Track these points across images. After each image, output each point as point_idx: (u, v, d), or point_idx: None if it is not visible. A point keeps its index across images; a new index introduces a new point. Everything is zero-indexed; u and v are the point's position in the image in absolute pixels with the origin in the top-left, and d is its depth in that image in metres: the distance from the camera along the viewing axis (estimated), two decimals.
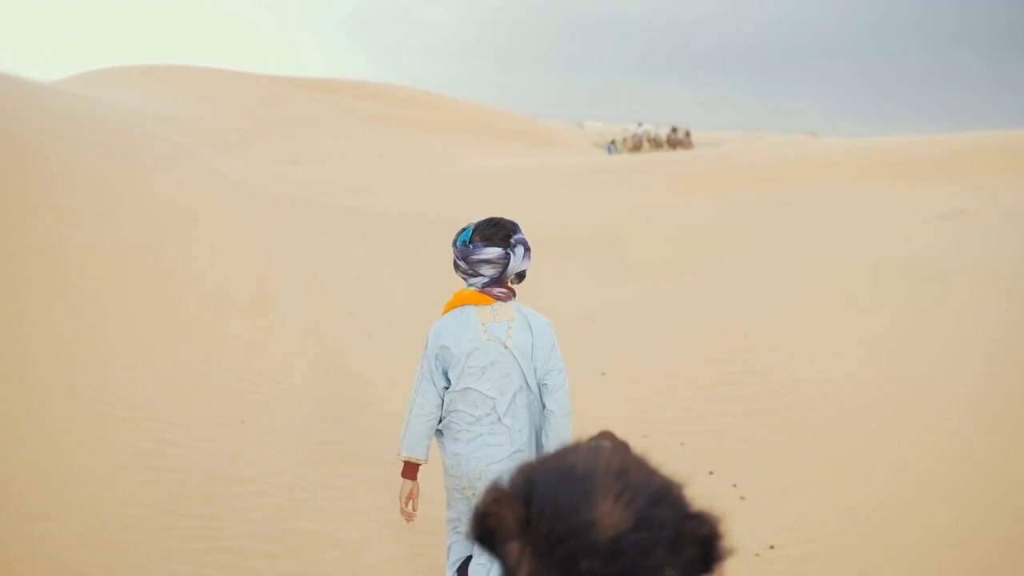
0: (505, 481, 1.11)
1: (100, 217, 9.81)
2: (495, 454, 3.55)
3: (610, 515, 1.04)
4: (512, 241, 3.57)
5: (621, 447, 1.31)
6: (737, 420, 6.63)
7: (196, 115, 26.16)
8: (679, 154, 26.56)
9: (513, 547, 1.06)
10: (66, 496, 4.87)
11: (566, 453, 1.15)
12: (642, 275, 11.55)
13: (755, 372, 7.53)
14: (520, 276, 3.65)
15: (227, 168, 16.58)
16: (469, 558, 3.74)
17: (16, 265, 7.20)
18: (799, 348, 7.96)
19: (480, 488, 3.53)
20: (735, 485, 5.55)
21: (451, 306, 3.62)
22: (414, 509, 3.72)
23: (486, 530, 1.08)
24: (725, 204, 16.40)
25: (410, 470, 3.69)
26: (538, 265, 4.85)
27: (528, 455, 3.59)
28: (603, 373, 7.70)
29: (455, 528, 3.81)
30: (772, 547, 4.84)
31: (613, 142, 37.85)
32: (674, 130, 37.56)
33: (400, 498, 3.72)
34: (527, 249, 3.60)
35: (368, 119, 31.94)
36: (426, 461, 3.68)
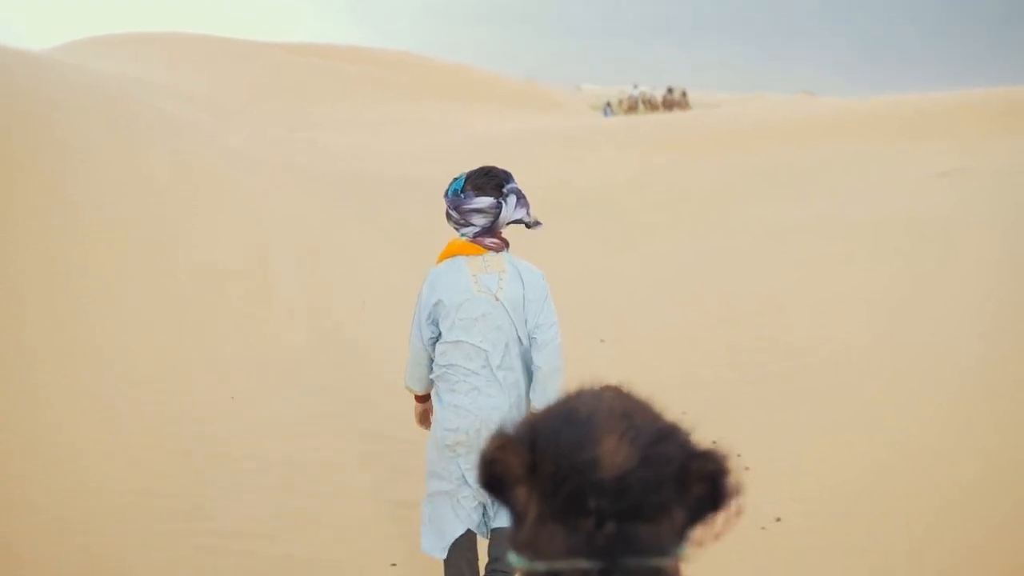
0: (509, 429, 1.12)
1: (98, 191, 9.71)
2: (495, 405, 3.55)
3: (615, 453, 1.04)
4: (504, 191, 3.56)
5: (624, 393, 1.28)
6: (739, 387, 6.53)
7: (193, 83, 25.83)
8: (676, 116, 26.31)
9: (520, 491, 1.07)
10: (60, 483, 4.83)
11: (569, 399, 1.16)
12: (639, 237, 11.41)
13: (757, 337, 7.41)
14: (527, 225, 3.65)
15: (226, 137, 16.39)
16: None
17: (13, 243, 7.07)
18: (799, 310, 7.85)
19: (476, 441, 3.51)
20: (739, 455, 5.34)
21: (444, 256, 3.62)
22: (430, 421, 3.89)
23: (493, 476, 1.09)
24: (723, 165, 16.21)
25: (419, 396, 3.92)
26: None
27: (526, 409, 3.61)
28: (602, 340, 7.62)
29: (434, 492, 3.76)
30: (779, 519, 4.75)
31: (608, 104, 37.43)
32: (670, 91, 37.06)
33: (415, 417, 4.00)
34: (519, 198, 3.58)
35: (365, 84, 31.54)
36: (429, 390, 3.83)
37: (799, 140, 17.65)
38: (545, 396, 3.49)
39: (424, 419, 3.91)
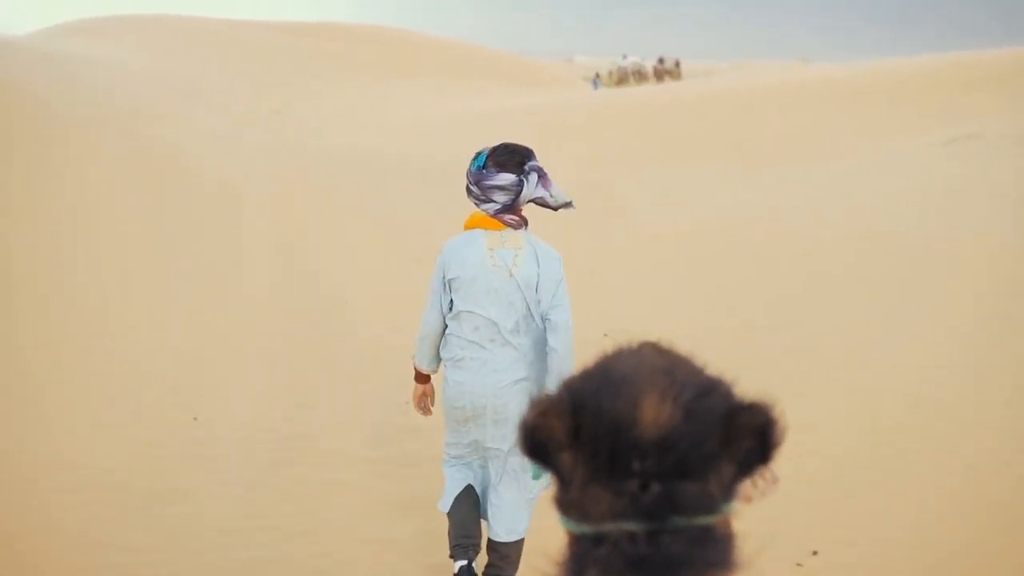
0: (549, 394, 1.10)
1: (71, 181, 9.43)
2: (499, 380, 3.50)
3: (657, 412, 1.02)
4: (526, 168, 3.52)
5: (663, 349, 1.22)
6: (756, 388, 6.04)
7: (174, 66, 25.41)
8: (669, 88, 25.84)
9: (566, 456, 1.05)
10: (46, 461, 4.77)
11: (607, 358, 1.14)
12: (635, 218, 11.09)
13: (766, 329, 7.08)
14: (552, 207, 3.62)
15: (206, 120, 16.05)
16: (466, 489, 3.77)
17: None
18: (808, 297, 7.58)
19: (483, 415, 3.54)
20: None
21: (468, 226, 3.59)
22: (432, 403, 3.84)
23: (537, 443, 1.06)
24: (718, 138, 15.91)
25: (421, 376, 3.80)
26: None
27: (534, 385, 3.56)
28: (605, 334, 7.26)
29: (449, 457, 3.82)
30: (815, 553, 4.22)
31: (598, 76, 36.94)
32: (661, 61, 36.50)
33: (413, 399, 3.87)
34: (541, 176, 3.54)
35: (351, 63, 31.15)
36: (435, 371, 3.75)
37: (796, 109, 17.30)
38: (561, 379, 3.21)
39: (421, 402, 3.84)
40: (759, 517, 3.99)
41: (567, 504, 1.06)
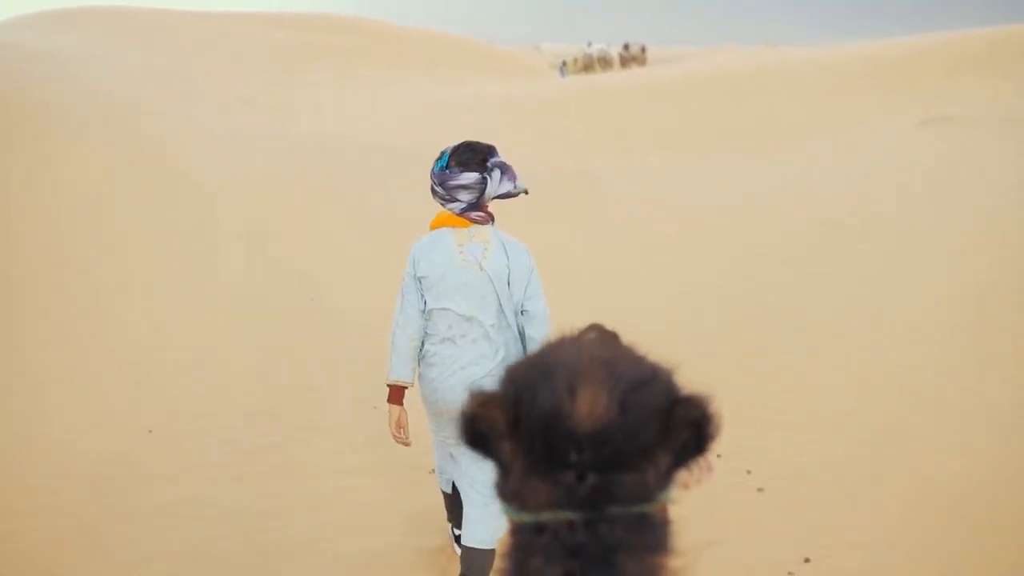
0: (489, 386, 1.10)
1: (25, 181, 9.07)
2: (470, 375, 3.50)
3: (594, 404, 1.02)
4: (489, 165, 3.52)
5: (608, 337, 1.22)
6: (741, 387, 5.74)
7: (140, 57, 24.93)
8: (636, 73, 25.63)
9: (505, 447, 1.06)
10: (43, 453, 4.73)
11: (548, 349, 1.14)
12: (615, 208, 10.88)
13: (756, 320, 6.89)
14: (513, 195, 3.59)
15: (169, 113, 15.64)
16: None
17: None
18: (799, 287, 7.40)
19: (455, 412, 3.46)
20: (749, 472, 4.71)
21: (434, 225, 3.59)
22: (406, 435, 3.66)
23: (477, 433, 1.07)
24: (692, 123, 15.75)
25: (396, 394, 3.63)
26: (503, 209, 4.26)
27: None
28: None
29: (436, 442, 3.87)
30: (808, 560, 4.02)
31: (564, 63, 36.78)
32: (626, 47, 36.39)
33: (390, 426, 3.65)
34: (504, 171, 3.53)
35: (319, 52, 30.68)
36: (411, 384, 3.63)
37: (765, 95, 17.16)
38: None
39: (399, 427, 3.64)
40: (751, 519, 3.79)
41: (507, 493, 1.07)
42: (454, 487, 3.87)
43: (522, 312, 3.53)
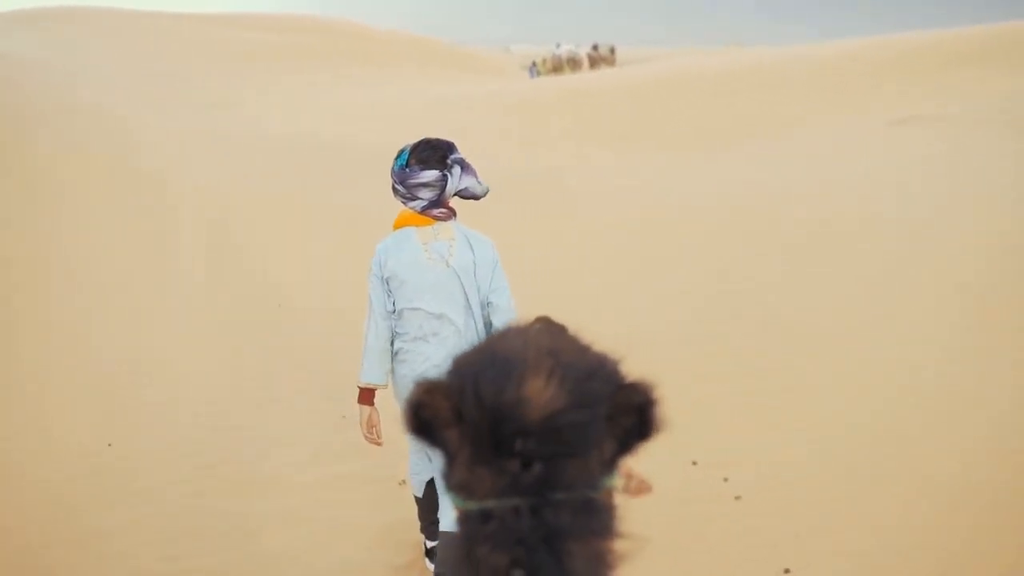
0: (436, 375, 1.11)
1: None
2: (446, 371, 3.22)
3: (541, 394, 1.02)
4: (449, 162, 3.52)
5: (554, 328, 1.22)
6: (715, 391, 5.61)
7: (102, 60, 24.54)
8: (605, 75, 25.55)
9: (451, 435, 1.06)
10: (35, 445, 4.75)
11: (494, 339, 1.15)
12: (586, 206, 10.73)
13: (731, 319, 6.77)
14: (466, 196, 3.59)
15: (134, 116, 15.36)
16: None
17: None
18: (774, 284, 7.31)
19: None
20: (726, 479, 4.55)
21: (397, 225, 3.59)
22: (378, 435, 3.64)
23: (422, 422, 1.07)
24: (665, 124, 15.69)
25: (366, 396, 3.62)
26: (471, 212, 4.17)
27: None
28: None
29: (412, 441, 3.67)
30: (787, 571, 3.89)
31: (534, 64, 36.74)
32: (595, 48, 36.45)
33: (361, 425, 3.64)
34: (464, 168, 3.54)
35: (285, 53, 30.41)
36: (385, 386, 3.62)
37: (735, 94, 17.14)
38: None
39: (370, 427, 3.62)
40: (727, 529, 3.66)
41: (454, 482, 1.08)
42: (426, 489, 3.81)
43: (488, 304, 3.55)
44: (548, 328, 1.19)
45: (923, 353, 5.81)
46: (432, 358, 3.49)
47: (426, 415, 1.07)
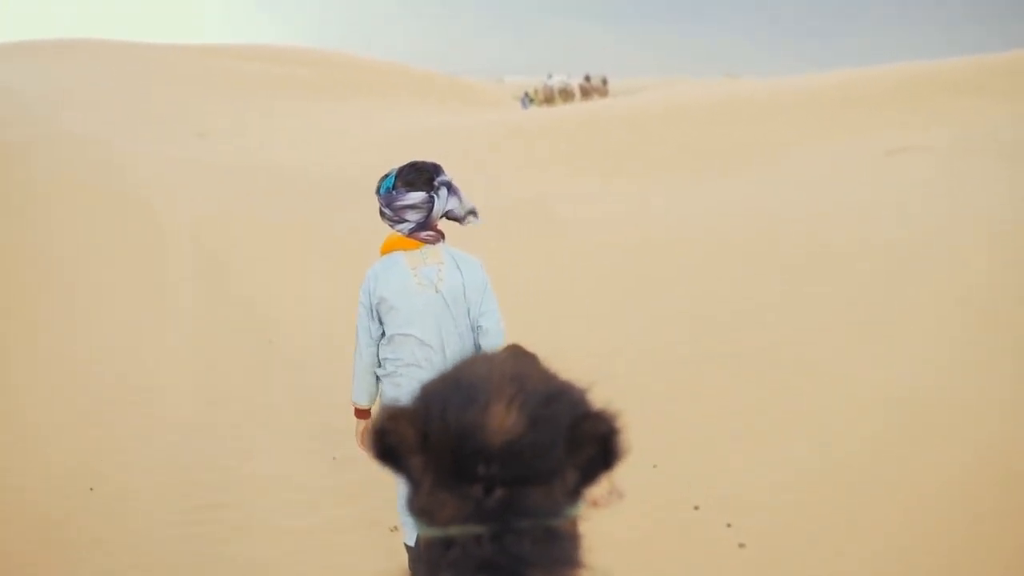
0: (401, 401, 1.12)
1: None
2: None
3: (503, 419, 1.03)
4: (435, 184, 3.52)
5: (521, 355, 1.20)
6: (714, 423, 5.44)
7: (93, 90, 24.50)
8: (596, 106, 25.56)
9: (415, 461, 1.07)
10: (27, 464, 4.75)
11: (461, 365, 1.15)
12: (577, 234, 10.64)
13: (728, 340, 6.68)
14: (460, 220, 3.60)
15: (124, 146, 15.27)
16: None
17: None
18: (772, 304, 7.22)
19: None
20: (729, 525, 4.36)
21: (384, 250, 3.59)
22: None
23: (387, 448, 1.07)
24: (659, 153, 15.65)
25: (360, 412, 3.73)
26: (466, 241, 4.06)
27: None
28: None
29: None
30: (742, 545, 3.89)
31: (526, 94, 36.83)
32: (587, 79, 36.63)
33: (356, 436, 3.75)
34: (451, 190, 3.54)
35: (279, 84, 30.45)
36: (369, 408, 3.69)
37: (730, 123, 17.13)
38: None
39: (365, 440, 3.66)
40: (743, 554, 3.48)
41: (417, 508, 1.07)
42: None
43: (477, 328, 3.54)
44: (515, 355, 1.19)
45: (922, 371, 5.76)
46: (423, 382, 3.37)
47: (391, 441, 1.06)
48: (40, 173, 10.45)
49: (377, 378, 3.66)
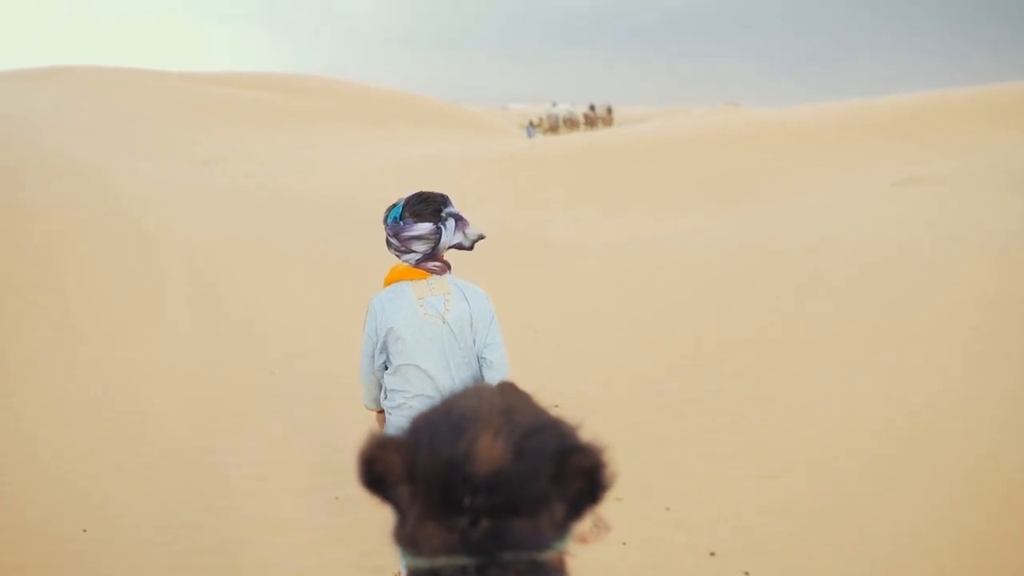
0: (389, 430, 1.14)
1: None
2: None
3: (489, 450, 1.03)
4: (443, 215, 3.49)
5: (511, 390, 1.19)
6: (721, 469, 5.29)
7: (100, 119, 24.55)
8: (600, 135, 25.59)
9: (403, 492, 1.06)
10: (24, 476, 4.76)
11: (451, 397, 1.16)
12: (575, 261, 10.58)
13: (731, 365, 6.61)
14: (466, 248, 3.57)
15: (128, 175, 15.24)
16: None
17: None
18: (770, 329, 7.13)
19: None
20: (747, 573, 4.20)
21: (388, 281, 3.55)
22: None
23: (375, 476, 1.07)
24: (652, 181, 15.59)
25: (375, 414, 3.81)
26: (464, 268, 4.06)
27: None
28: (556, 406, 6.62)
29: None
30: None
31: (531, 123, 36.95)
32: (592, 108, 36.82)
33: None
34: (459, 221, 3.52)
35: (283, 113, 30.56)
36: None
37: (731, 152, 17.09)
38: None
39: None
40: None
41: (403, 539, 1.07)
42: None
43: (481, 359, 3.50)
44: (504, 388, 1.19)
45: (921, 397, 5.75)
46: None
47: (379, 470, 1.07)
48: (35, 199, 10.36)
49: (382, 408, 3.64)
